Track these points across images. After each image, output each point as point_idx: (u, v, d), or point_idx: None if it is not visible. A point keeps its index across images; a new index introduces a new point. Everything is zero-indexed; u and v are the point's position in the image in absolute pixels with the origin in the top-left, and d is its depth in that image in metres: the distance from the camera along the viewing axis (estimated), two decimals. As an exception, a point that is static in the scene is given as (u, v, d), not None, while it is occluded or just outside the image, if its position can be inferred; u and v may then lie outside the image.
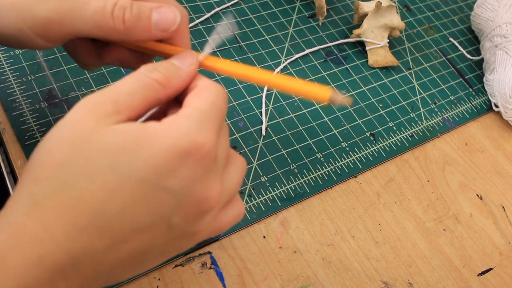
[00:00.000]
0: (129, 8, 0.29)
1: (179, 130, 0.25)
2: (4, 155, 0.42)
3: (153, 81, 0.27)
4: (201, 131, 0.25)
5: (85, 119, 0.25)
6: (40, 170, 0.24)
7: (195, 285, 0.39)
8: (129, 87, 0.26)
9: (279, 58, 0.53)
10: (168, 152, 0.24)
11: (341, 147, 0.49)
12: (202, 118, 0.26)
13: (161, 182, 0.24)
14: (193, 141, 0.25)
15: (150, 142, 0.24)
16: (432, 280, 0.43)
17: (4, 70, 0.45)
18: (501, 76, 0.54)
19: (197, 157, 0.25)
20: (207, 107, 0.26)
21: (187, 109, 0.26)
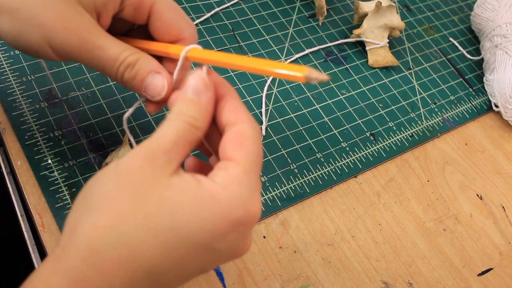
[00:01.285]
0: (131, 66, 0.32)
1: (234, 198, 0.26)
2: (4, 155, 0.42)
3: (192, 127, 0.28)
4: (253, 198, 0.27)
5: (142, 169, 0.26)
6: (100, 217, 0.25)
7: (195, 285, 0.39)
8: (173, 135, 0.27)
9: (279, 58, 0.53)
10: (224, 219, 0.26)
11: (341, 147, 0.49)
12: (252, 181, 0.27)
13: (213, 245, 0.26)
14: (247, 210, 0.26)
15: (208, 206, 0.26)
16: (432, 280, 0.43)
17: (4, 70, 0.45)
18: (501, 76, 0.54)
19: (249, 224, 0.27)
20: (252, 163, 0.28)
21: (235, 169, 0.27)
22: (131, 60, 0.32)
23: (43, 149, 0.41)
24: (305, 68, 0.27)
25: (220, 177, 0.27)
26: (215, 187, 0.26)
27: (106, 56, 0.31)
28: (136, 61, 0.32)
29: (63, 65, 0.46)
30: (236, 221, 0.26)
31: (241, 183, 0.27)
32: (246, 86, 0.50)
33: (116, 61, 0.31)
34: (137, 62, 0.32)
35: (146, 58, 0.32)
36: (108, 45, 0.31)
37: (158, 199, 0.25)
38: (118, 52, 0.31)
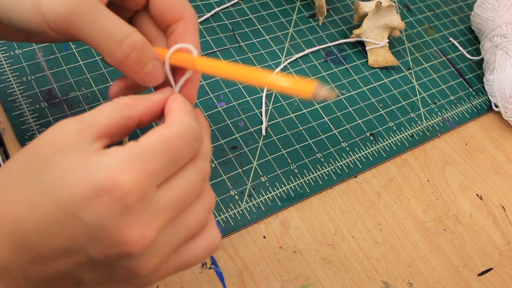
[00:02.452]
0: (138, 48, 0.30)
1: (102, 163, 0.25)
2: (4, 155, 0.42)
3: (120, 103, 0.28)
4: (124, 169, 0.25)
5: (46, 135, 0.26)
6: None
7: (195, 285, 0.39)
8: (96, 109, 0.27)
9: (279, 58, 0.53)
10: (83, 182, 0.24)
11: (341, 147, 0.49)
12: (135, 156, 0.25)
13: (74, 210, 0.24)
14: (111, 178, 0.24)
15: (77, 169, 0.25)
16: (432, 280, 0.43)
17: (4, 70, 0.45)
18: (501, 76, 0.54)
19: (115, 196, 0.24)
20: (152, 144, 0.26)
21: (129, 144, 0.26)
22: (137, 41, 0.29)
23: (43, 149, 0.41)
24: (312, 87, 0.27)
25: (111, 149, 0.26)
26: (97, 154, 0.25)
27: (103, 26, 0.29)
28: (143, 44, 0.30)
29: (63, 65, 0.46)
30: (96, 187, 0.24)
31: (121, 153, 0.25)
32: (246, 86, 0.50)
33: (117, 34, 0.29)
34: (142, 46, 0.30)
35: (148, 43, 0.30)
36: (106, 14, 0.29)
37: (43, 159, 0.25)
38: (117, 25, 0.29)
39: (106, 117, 0.27)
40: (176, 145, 0.27)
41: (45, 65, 0.46)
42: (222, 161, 0.45)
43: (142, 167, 0.25)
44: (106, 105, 0.28)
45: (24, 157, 0.26)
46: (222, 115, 0.48)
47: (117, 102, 0.28)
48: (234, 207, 0.43)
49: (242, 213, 0.43)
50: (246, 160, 0.46)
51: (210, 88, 0.49)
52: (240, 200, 0.43)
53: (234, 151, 0.46)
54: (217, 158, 0.45)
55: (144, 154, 0.25)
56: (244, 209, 0.43)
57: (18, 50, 0.46)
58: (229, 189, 0.44)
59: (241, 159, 0.45)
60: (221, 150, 0.46)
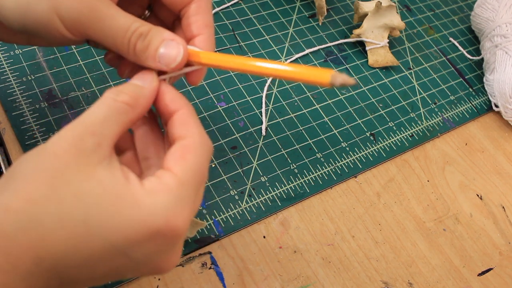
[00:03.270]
0: (144, 36, 0.30)
1: (157, 206, 0.25)
2: (4, 155, 0.42)
3: (122, 104, 0.27)
4: (178, 211, 0.25)
5: (65, 154, 0.25)
6: (13, 199, 0.24)
7: (195, 285, 0.39)
8: (101, 114, 0.26)
9: (279, 58, 0.53)
10: (141, 225, 0.24)
11: (341, 147, 0.49)
12: (183, 194, 0.26)
13: (127, 250, 0.25)
14: (169, 222, 0.25)
15: (127, 208, 0.24)
16: (432, 280, 0.43)
17: (4, 70, 0.45)
18: (501, 76, 0.54)
19: (169, 237, 0.25)
20: (190, 177, 0.26)
21: (169, 179, 0.26)
22: (143, 30, 0.30)
23: (43, 149, 0.41)
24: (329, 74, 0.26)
25: (151, 183, 0.26)
26: (141, 190, 0.25)
27: (117, 25, 0.29)
28: (149, 31, 0.30)
29: (63, 65, 0.46)
30: (154, 231, 0.25)
31: (170, 193, 0.25)
32: (246, 86, 0.50)
33: (128, 31, 0.29)
34: (149, 32, 0.30)
35: (158, 28, 0.31)
36: (119, 14, 0.30)
37: (77, 189, 0.24)
38: (129, 22, 0.30)
39: (115, 125, 0.27)
40: (204, 171, 0.28)
41: (45, 65, 0.46)
42: (222, 161, 0.45)
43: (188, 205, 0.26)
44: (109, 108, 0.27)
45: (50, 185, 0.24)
46: (222, 115, 0.48)
47: (119, 104, 0.27)
48: (234, 207, 0.43)
49: (242, 213, 0.43)
50: (246, 160, 0.46)
51: (210, 88, 0.49)
52: (240, 200, 0.43)
53: (234, 151, 0.46)
54: (217, 158, 0.45)
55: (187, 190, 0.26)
56: (244, 209, 0.43)
57: (18, 50, 0.46)
58: (229, 189, 0.44)
59: (241, 159, 0.46)
60: (221, 150, 0.46)
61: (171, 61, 0.30)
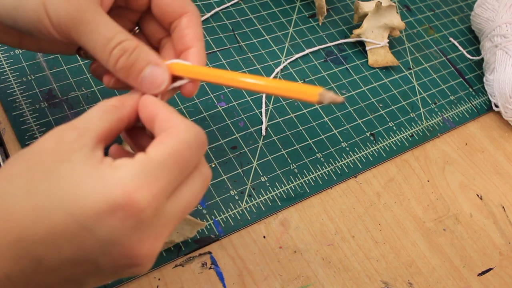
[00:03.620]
0: (129, 53, 0.30)
1: (116, 179, 0.25)
2: (4, 155, 0.42)
3: (108, 105, 0.29)
4: (140, 185, 0.25)
5: (45, 142, 0.26)
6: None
7: (195, 285, 0.39)
8: (87, 114, 0.28)
9: (279, 58, 0.53)
10: (98, 197, 0.24)
11: (341, 147, 0.49)
12: (149, 171, 0.25)
13: (87, 224, 0.24)
14: (128, 195, 0.24)
15: (89, 182, 0.25)
16: (432, 280, 0.43)
17: (4, 70, 0.45)
18: (501, 76, 0.54)
19: (130, 212, 0.24)
20: (162, 157, 0.26)
21: (138, 156, 0.26)
22: (128, 45, 0.29)
23: (43, 149, 0.41)
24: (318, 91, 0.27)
25: (120, 161, 0.26)
26: (107, 167, 0.25)
27: (100, 32, 0.29)
28: (134, 48, 0.30)
29: (63, 65, 0.46)
30: (112, 203, 0.24)
31: (132, 167, 0.25)
32: (246, 86, 0.50)
33: (110, 41, 0.29)
34: (135, 50, 0.30)
35: (144, 47, 0.30)
36: (105, 21, 0.29)
37: (48, 168, 0.25)
38: (113, 32, 0.29)
39: (99, 121, 0.27)
40: (185, 156, 0.27)
41: (45, 65, 0.46)
42: (222, 161, 0.45)
43: (156, 182, 0.25)
44: (95, 109, 0.28)
45: (26, 164, 0.25)
46: (222, 115, 0.48)
47: (105, 105, 0.29)
48: (234, 207, 0.43)
49: (242, 213, 0.43)
50: (246, 160, 0.46)
51: (210, 88, 0.49)
52: (240, 200, 0.43)
53: (234, 151, 0.46)
54: (217, 158, 0.45)
55: (155, 168, 0.25)
56: (244, 209, 0.43)
57: (18, 50, 0.46)
58: (229, 189, 0.44)
59: (241, 159, 0.46)
60: (221, 150, 0.46)
61: (154, 87, 0.31)
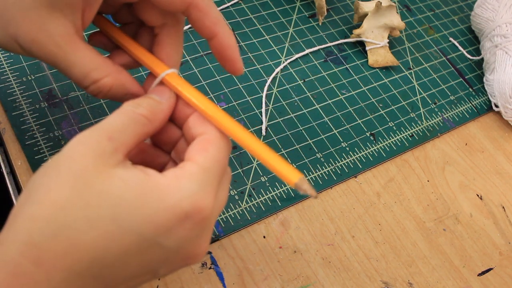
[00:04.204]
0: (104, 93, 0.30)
1: (181, 191, 0.25)
2: (4, 155, 0.42)
3: (141, 116, 0.28)
4: (203, 194, 0.26)
5: (83, 158, 0.25)
6: (38, 208, 0.24)
7: (195, 285, 0.39)
8: (120, 122, 0.27)
9: (279, 58, 0.53)
10: (168, 212, 0.25)
11: (341, 147, 0.49)
12: (205, 179, 0.26)
13: (158, 239, 0.25)
14: (195, 204, 0.25)
15: (153, 198, 0.25)
16: (432, 280, 0.43)
17: (4, 70, 0.45)
18: (501, 76, 0.54)
19: (196, 220, 0.26)
20: (211, 165, 0.27)
21: (191, 166, 0.26)
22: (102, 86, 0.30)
23: (43, 149, 0.41)
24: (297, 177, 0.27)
25: (173, 172, 0.26)
26: (163, 180, 0.25)
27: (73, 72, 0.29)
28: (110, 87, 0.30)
29: (63, 65, 0.46)
30: (182, 215, 0.25)
31: (192, 177, 0.26)
32: (246, 86, 0.50)
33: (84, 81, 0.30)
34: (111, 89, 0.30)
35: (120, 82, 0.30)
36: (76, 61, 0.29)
37: (100, 189, 0.24)
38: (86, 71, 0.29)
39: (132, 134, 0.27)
40: (224, 161, 0.28)
41: (45, 65, 0.46)
42: (222, 161, 0.45)
43: (212, 189, 0.27)
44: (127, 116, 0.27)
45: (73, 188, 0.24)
46: (222, 115, 0.48)
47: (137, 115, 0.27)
48: (234, 207, 0.43)
49: (242, 213, 0.43)
50: (246, 160, 0.46)
51: (210, 88, 0.49)
52: (240, 200, 0.43)
53: (234, 151, 0.46)
54: (217, 158, 0.45)
55: (209, 176, 0.27)
56: (244, 209, 0.43)
57: None
58: (229, 189, 0.44)
59: (241, 159, 0.46)
60: (221, 150, 0.46)
61: None
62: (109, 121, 0.27)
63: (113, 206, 0.24)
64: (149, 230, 0.24)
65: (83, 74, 0.29)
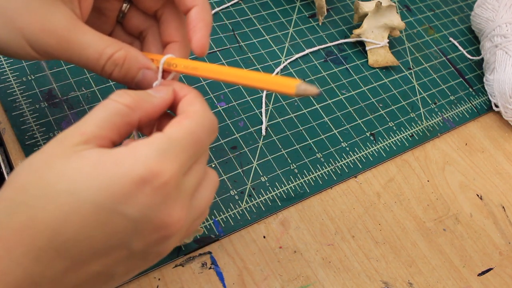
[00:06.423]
0: (120, 66, 0.31)
1: (137, 157, 0.25)
2: (4, 155, 0.42)
3: (121, 105, 0.27)
4: (161, 159, 0.25)
5: (52, 148, 0.26)
6: (3, 191, 0.25)
7: (195, 285, 0.39)
8: (96, 117, 0.27)
9: (279, 58, 0.53)
10: (123, 178, 0.24)
11: (341, 147, 0.49)
12: (167, 147, 0.26)
13: (117, 207, 0.24)
14: (150, 169, 0.25)
15: (108, 167, 0.25)
16: (432, 280, 0.43)
17: (4, 70, 0.45)
18: (501, 76, 0.54)
19: (155, 185, 0.25)
20: (181, 136, 0.27)
21: (156, 135, 0.26)
22: (118, 58, 0.31)
23: (43, 149, 0.41)
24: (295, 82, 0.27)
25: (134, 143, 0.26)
26: (121, 150, 0.25)
27: (87, 54, 0.30)
28: (124, 59, 0.31)
29: (63, 65, 0.46)
30: (137, 180, 0.24)
31: (152, 145, 0.26)
32: (246, 86, 0.50)
33: (100, 59, 0.30)
34: (125, 61, 0.31)
35: (133, 54, 0.31)
36: (89, 42, 0.30)
37: (59, 169, 0.25)
38: (100, 49, 0.30)
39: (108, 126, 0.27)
40: (201, 138, 0.28)
41: (45, 65, 0.46)
42: (222, 161, 0.45)
43: (175, 158, 0.26)
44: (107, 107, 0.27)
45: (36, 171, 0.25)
46: (222, 115, 0.48)
47: (118, 103, 0.27)
48: (234, 207, 0.43)
49: (242, 213, 0.43)
50: (246, 160, 0.46)
51: (210, 88, 0.49)
52: (240, 200, 0.43)
53: (234, 151, 0.46)
54: (217, 158, 0.45)
55: (175, 146, 0.26)
56: (244, 209, 0.43)
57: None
58: (229, 189, 0.44)
59: (241, 159, 0.46)
60: (221, 150, 0.46)
61: (148, 86, 0.32)
62: (86, 117, 0.27)
63: (70, 181, 0.24)
64: (104, 198, 0.24)
65: (98, 52, 0.30)
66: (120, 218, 0.25)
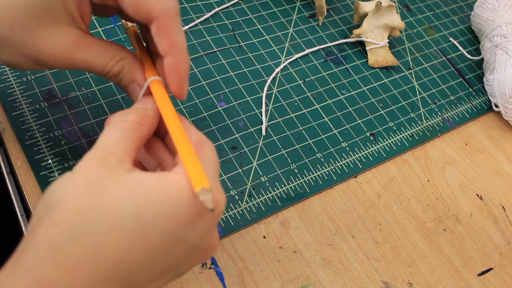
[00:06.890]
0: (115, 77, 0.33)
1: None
2: (4, 155, 0.42)
3: (131, 123, 0.28)
4: (217, 188, 0.27)
5: (96, 171, 0.25)
6: (58, 214, 0.24)
7: (195, 285, 0.39)
8: (115, 136, 0.27)
9: (279, 58, 0.53)
10: (190, 206, 0.25)
11: (341, 147, 0.49)
12: (214, 175, 0.28)
13: (181, 234, 0.25)
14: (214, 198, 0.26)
15: (171, 193, 0.25)
16: (432, 280, 0.43)
17: (4, 70, 0.45)
18: (501, 76, 0.54)
19: (214, 214, 0.26)
20: (213, 162, 0.29)
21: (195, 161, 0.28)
22: (115, 71, 0.33)
23: (43, 149, 0.41)
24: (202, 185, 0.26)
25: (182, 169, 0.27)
26: (178, 177, 0.26)
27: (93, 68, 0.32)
28: (119, 71, 0.33)
29: (63, 65, 0.46)
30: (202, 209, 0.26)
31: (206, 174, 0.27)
32: (246, 86, 0.50)
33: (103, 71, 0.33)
34: (120, 72, 0.33)
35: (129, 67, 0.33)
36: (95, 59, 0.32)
37: (118, 194, 0.24)
38: (104, 64, 0.32)
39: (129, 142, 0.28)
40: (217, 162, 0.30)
41: (45, 65, 0.46)
42: (222, 161, 0.45)
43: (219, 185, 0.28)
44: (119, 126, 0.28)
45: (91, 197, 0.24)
46: (222, 115, 0.48)
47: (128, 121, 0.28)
48: (234, 207, 0.43)
49: (242, 213, 0.43)
50: (246, 160, 0.46)
51: (210, 88, 0.49)
52: (240, 200, 0.43)
53: (234, 151, 0.46)
54: (217, 158, 0.45)
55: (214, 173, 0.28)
56: (244, 209, 0.43)
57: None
58: (229, 189, 0.44)
59: (241, 159, 0.46)
60: (221, 150, 0.46)
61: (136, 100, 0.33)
62: (105, 138, 0.27)
63: (133, 206, 0.24)
64: (173, 226, 0.24)
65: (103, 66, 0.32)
66: (182, 245, 0.25)
